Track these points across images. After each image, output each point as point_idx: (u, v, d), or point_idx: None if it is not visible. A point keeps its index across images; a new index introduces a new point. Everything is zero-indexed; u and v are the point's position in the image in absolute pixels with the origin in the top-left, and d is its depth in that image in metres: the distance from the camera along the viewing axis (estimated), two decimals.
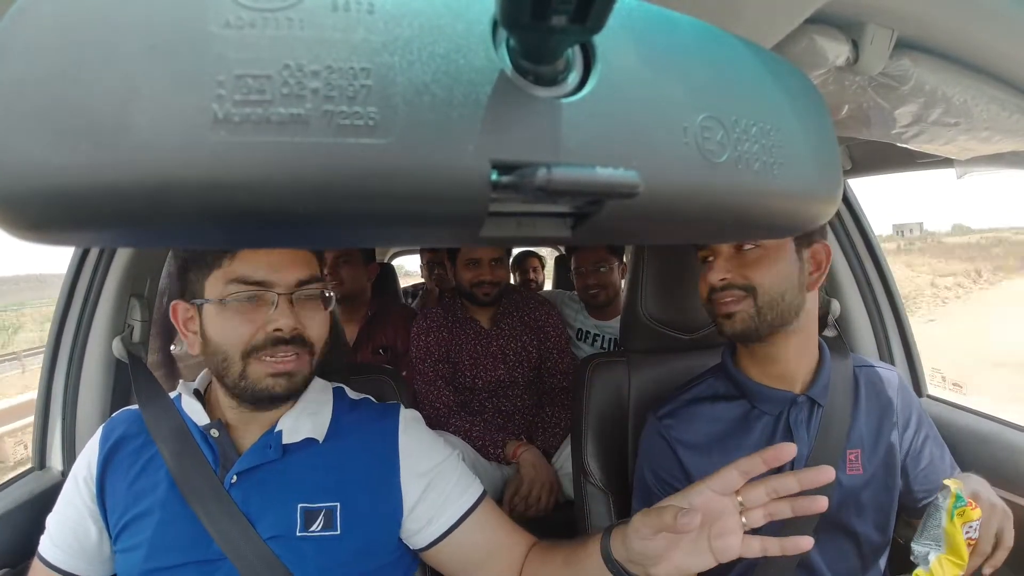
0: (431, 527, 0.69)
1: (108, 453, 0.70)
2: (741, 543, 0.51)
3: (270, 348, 0.63)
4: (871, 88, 0.62)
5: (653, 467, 0.81)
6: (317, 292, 0.67)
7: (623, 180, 0.20)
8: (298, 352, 0.64)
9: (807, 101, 0.28)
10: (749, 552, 0.50)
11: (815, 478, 0.49)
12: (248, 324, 0.63)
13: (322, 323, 0.68)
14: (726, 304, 0.74)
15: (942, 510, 0.60)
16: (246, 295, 0.63)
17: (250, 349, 0.63)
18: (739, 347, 0.82)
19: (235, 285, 0.63)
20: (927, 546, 0.61)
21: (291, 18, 0.18)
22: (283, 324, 0.62)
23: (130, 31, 0.17)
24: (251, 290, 0.63)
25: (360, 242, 0.24)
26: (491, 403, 1.54)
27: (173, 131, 0.17)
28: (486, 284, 1.48)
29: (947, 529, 0.60)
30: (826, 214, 0.29)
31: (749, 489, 0.51)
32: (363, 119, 0.18)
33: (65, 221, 0.18)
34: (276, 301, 0.63)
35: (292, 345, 0.64)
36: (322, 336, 0.68)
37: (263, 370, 0.63)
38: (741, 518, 0.51)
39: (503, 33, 0.20)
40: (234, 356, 0.63)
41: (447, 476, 0.71)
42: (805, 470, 0.50)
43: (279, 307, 0.63)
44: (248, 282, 0.63)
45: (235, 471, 0.66)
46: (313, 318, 0.67)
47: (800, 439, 0.75)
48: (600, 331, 1.79)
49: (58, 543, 0.68)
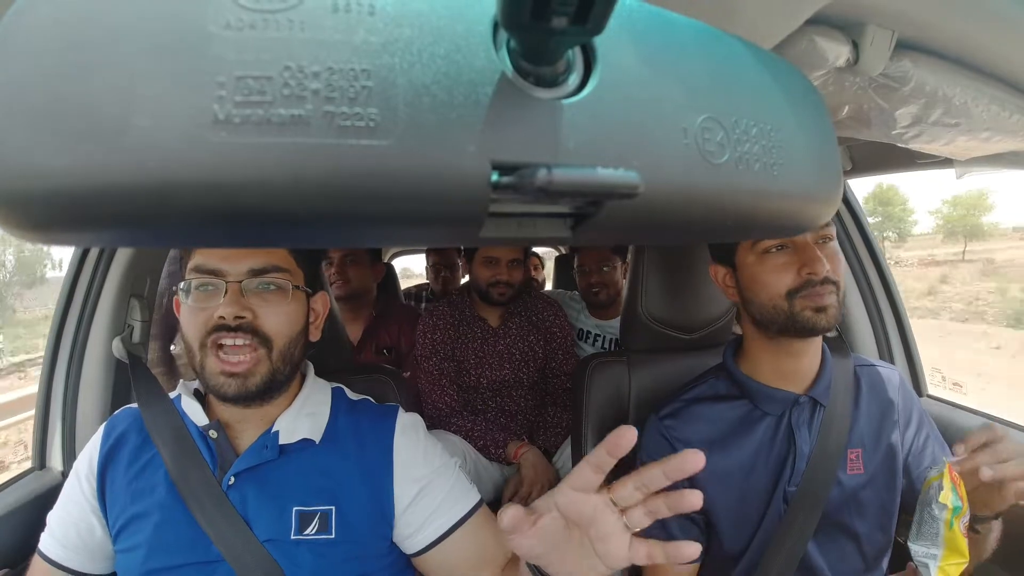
0: (421, 534, 0.69)
1: (109, 451, 0.70)
2: (629, 547, 0.46)
3: (215, 335, 0.62)
4: (871, 89, 0.62)
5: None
6: (274, 282, 0.65)
7: (623, 181, 0.20)
8: (249, 345, 0.63)
9: (807, 102, 0.28)
10: (636, 558, 0.45)
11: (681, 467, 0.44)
12: (201, 313, 0.63)
13: (281, 315, 0.65)
14: (822, 296, 0.69)
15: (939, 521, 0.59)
16: (197, 284, 0.64)
17: (203, 339, 0.63)
18: (747, 343, 0.81)
19: (192, 274, 0.64)
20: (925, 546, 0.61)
21: (292, 19, 0.18)
22: (225, 311, 0.61)
23: (131, 32, 0.17)
24: (202, 279, 0.63)
25: (360, 242, 0.24)
26: (494, 403, 1.54)
27: (174, 132, 0.17)
28: (502, 284, 1.48)
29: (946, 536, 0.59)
30: (826, 214, 0.29)
31: (617, 487, 0.46)
32: (364, 120, 0.18)
33: (66, 221, 0.18)
34: (225, 289, 0.63)
35: (239, 334, 0.62)
36: (282, 330, 0.65)
37: (216, 367, 0.62)
38: (621, 519, 0.46)
39: (504, 34, 0.20)
40: (194, 347, 0.63)
41: (441, 484, 0.71)
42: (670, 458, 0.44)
43: (227, 295, 0.62)
44: (202, 271, 0.63)
45: (232, 472, 0.66)
46: (269, 309, 0.64)
47: (802, 439, 0.75)
48: (602, 331, 1.79)
49: (60, 539, 0.68)
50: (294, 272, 0.68)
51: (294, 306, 0.67)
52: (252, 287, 0.64)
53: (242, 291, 0.63)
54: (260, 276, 0.64)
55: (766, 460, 0.76)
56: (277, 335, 0.65)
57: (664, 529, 0.79)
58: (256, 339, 0.63)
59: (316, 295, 0.74)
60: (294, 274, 0.68)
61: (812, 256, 0.69)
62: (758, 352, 0.79)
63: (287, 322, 0.66)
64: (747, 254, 0.75)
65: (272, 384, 0.65)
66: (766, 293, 0.72)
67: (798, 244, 0.71)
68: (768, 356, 0.78)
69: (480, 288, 1.51)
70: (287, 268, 0.67)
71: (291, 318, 0.67)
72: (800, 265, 0.70)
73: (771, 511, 0.75)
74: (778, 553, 0.72)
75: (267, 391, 0.65)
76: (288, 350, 0.66)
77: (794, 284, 0.70)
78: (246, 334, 0.63)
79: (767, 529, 0.75)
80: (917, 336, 1.24)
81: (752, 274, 0.74)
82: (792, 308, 0.70)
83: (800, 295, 0.70)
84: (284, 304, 0.66)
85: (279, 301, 0.66)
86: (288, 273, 0.67)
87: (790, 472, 0.75)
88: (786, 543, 0.72)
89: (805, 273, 0.69)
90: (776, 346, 0.76)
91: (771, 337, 0.76)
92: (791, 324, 0.71)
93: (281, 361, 0.66)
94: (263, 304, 0.64)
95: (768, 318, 0.73)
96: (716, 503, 0.77)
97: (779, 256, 0.72)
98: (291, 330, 0.67)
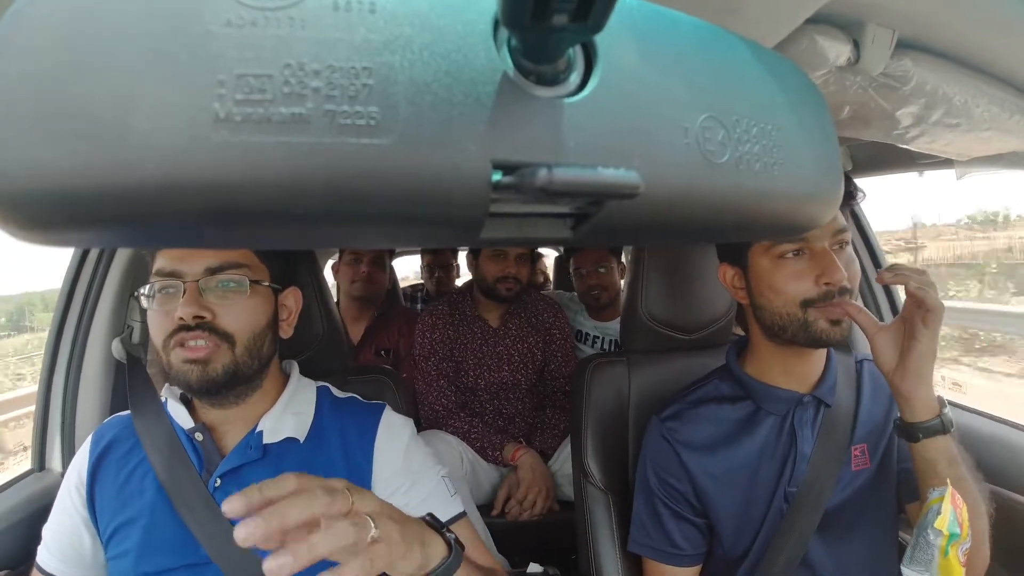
0: None
1: (97, 460, 0.70)
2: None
3: (176, 335, 0.63)
4: (872, 88, 0.62)
5: (656, 469, 0.81)
6: (231, 279, 0.65)
7: (624, 180, 0.20)
8: (209, 341, 0.63)
9: (808, 101, 0.28)
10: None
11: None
12: (163, 316, 0.64)
13: (241, 312, 0.65)
14: (839, 308, 0.66)
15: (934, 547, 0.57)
16: (159, 287, 0.64)
17: (166, 341, 0.63)
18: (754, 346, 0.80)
19: (154, 278, 0.65)
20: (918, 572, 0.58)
21: (292, 17, 0.18)
22: (183, 312, 0.62)
23: (130, 31, 0.17)
24: (162, 281, 0.64)
25: (360, 242, 0.24)
26: (492, 405, 1.54)
27: (174, 131, 0.17)
28: (511, 279, 1.47)
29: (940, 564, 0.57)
30: (827, 215, 0.29)
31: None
32: (364, 119, 0.18)
33: (66, 221, 0.18)
34: (183, 290, 0.63)
35: (200, 333, 0.62)
36: (243, 327, 0.65)
37: (180, 355, 0.63)
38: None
39: (504, 33, 0.20)
40: (160, 349, 0.64)
41: (418, 491, 0.70)
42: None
43: (185, 295, 0.63)
44: (162, 274, 0.64)
45: (218, 474, 0.66)
46: (228, 307, 0.64)
47: (804, 439, 0.75)
48: (600, 332, 1.79)
49: (54, 552, 0.68)
50: (255, 268, 0.68)
51: (255, 302, 0.67)
52: (210, 286, 0.64)
53: (200, 291, 0.63)
54: (217, 274, 0.64)
55: (769, 460, 0.76)
56: (238, 331, 0.65)
57: (665, 534, 0.79)
58: (215, 336, 0.64)
59: (287, 291, 0.73)
60: (255, 270, 0.68)
61: (831, 265, 0.65)
62: (764, 354, 0.78)
63: (248, 319, 0.66)
64: (761, 257, 0.71)
65: (236, 376, 0.65)
66: (780, 300, 0.69)
67: (816, 251, 0.67)
68: (775, 358, 0.77)
69: (487, 284, 1.49)
70: (247, 264, 0.67)
71: (253, 314, 0.67)
72: (818, 273, 0.66)
73: (772, 511, 0.75)
74: (779, 553, 0.72)
75: (232, 382, 0.65)
76: (252, 345, 0.66)
77: (811, 294, 0.67)
78: (206, 332, 0.63)
79: (768, 529, 0.75)
80: None
81: (766, 279, 0.71)
82: (806, 318, 0.68)
83: (816, 306, 0.67)
84: (244, 301, 0.66)
85: (238, 298, 0.65)
86: (247, 268, 0.67)
87: (790, 472, 0.74)
88: (787, 543, 0.72)
89: (823, 283, 0.66)
90: (784, 349, 0.75)
91: (779, 343, 0.74)
92: (803, 333, 0.68)
93: (245, 355, 0.65)
94: (222, 302, 0.64)
95: (780, 325, 0.71)
96: (719, 505, 0.76)
97: (796, 262, 0.68)
98: (253, 326, 0.66)
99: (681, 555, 0.79)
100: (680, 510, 0.79)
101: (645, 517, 0.82)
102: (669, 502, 0.79)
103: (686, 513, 0.78)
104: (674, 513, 0.79)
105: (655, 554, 0.81)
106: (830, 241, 0.68)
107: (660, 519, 0.80)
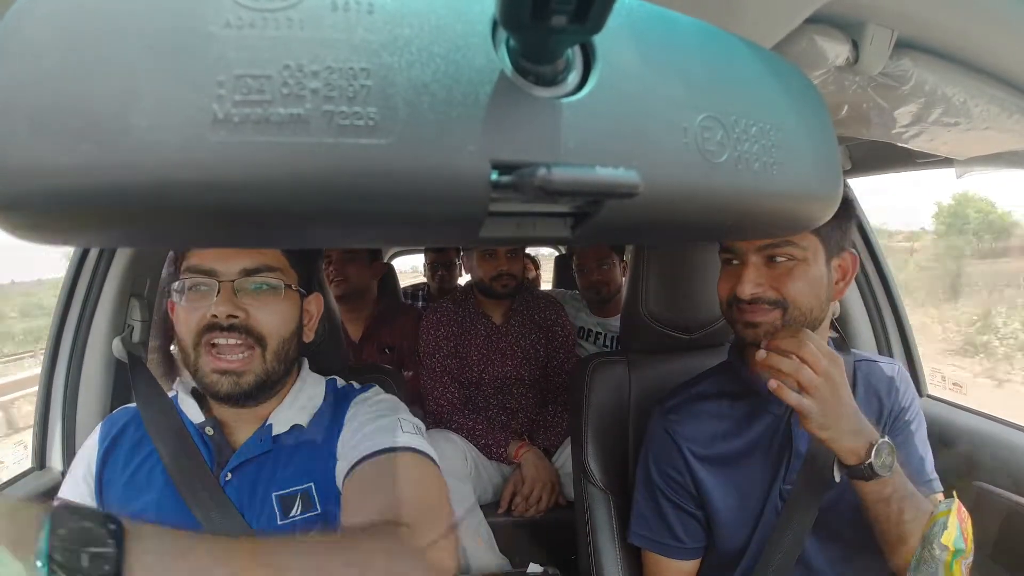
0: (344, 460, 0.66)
1: (107, 450, 0.70)
2: None
3: (208, 334, 0.62)
4: (871, 88, 0.62)
5: (657, 463, 0.81)
6: (266, 282, 0.66)
7: (623, 180, 0.20)
8: (243, 343, 0.63)
9: (807, 101, 0.28)
10: None
11: None
12: (194, 313, 0.63)
13: (274, 315, 0.66)
14: (753, 314, 0.71)
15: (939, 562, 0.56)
16: (190, 284, 0.64)
17: (196, 339, 0.63)
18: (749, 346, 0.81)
19: (186, 274, 0.64)
20: None
21: (291, 18, 0.18)
22: (217, 311, 0.62)
23: (130, 31, 0.17)
24: (195, 279, 0.64)
25: (359, 242, 0.24)
26: (496, 400, 1.55)
27: (173, 131, 0.17)
28: (505, 275, 1.49)
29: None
30: (826, 214, 0.29)
31: None
32: (363, 119, 0.18)
33: (66, 221, 0.18)
34: (218, 288, 0.63)
35: (232, 333, 0.62)
36: (275, 329, 0.66)
37: (209, 364, 0.63)
38: None
39: (503, 33, 0.20)
40: (188, 347, 0.64)
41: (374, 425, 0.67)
42: None
43: (220, 295, 0.63)
44: (195, 271, 0.64)
45: (229, 468, 0.66)
46: (262, 308, 0.65)
47: (799, 436, 0.75)
48: (603, 328, 1.80)
49: None
50: (287, 272, 0.69)
51: (287, 306, 0.68)
52: (245, 287, 0.64)
53: (235, 291, 0.64)
54: (253, 276, 0.65)
55: (764, 457, 0.77)
56: (270, 335, 0.65)
57: (667, 527, 0.80)
58: (250, 338, 0.64)
59: (310, 296, 0.74)
60: (287, 274, 0.68)
61: (740, 276, 0.71)
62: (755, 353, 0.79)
63: (280, 322, 0.67)
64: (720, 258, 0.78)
65: (265, 384, 0.66)
66: (721, 299, 0.76)
67: (743, 260, 0.72)
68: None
69: (483, 283, 1.51)
70: (280, 268, 0.67)
71: (284, 318, 0.67)
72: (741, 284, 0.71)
73: (768, 508, 0.75)
74: (776, 551, 0.73)
75: (260, 391, 0.66)
76: (282, 350, 0.67)
77: (729, 297, 0.74)
78: (239, 333, 0.63)
79: (765, 526, 0.75)
80: None
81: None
82: (731, 317, 0.75)
83: (735, 307, 0.73)
84: (277, 304, 0.66)
85: (272, 301, 0.66)
86: (281, 273, 0.67)
87: (785, 471, 0.75)
88: (783, 541, 0.73)
89: (748, 294, 0.70)
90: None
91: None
92: (734, 331, 0.75)
93: (275, 361, 0.66)
94: (256, 304, 0.65)
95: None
96: (716, 499, 0.77)
97: (728, 268, 0.75)
98: (285, 330, 0.67)
99: (682, 548, 0.80)
100: (681, 502, 0.79)
101: (646, 510, 0.83)
102: (671, 495, 0.80)
103: (687, 505, 0.79)
104: (676, 506, 0.80)
105: (656, 547, 0.81)
106: (757, 255, 0.71)
107: (662, 512, 0.80)
